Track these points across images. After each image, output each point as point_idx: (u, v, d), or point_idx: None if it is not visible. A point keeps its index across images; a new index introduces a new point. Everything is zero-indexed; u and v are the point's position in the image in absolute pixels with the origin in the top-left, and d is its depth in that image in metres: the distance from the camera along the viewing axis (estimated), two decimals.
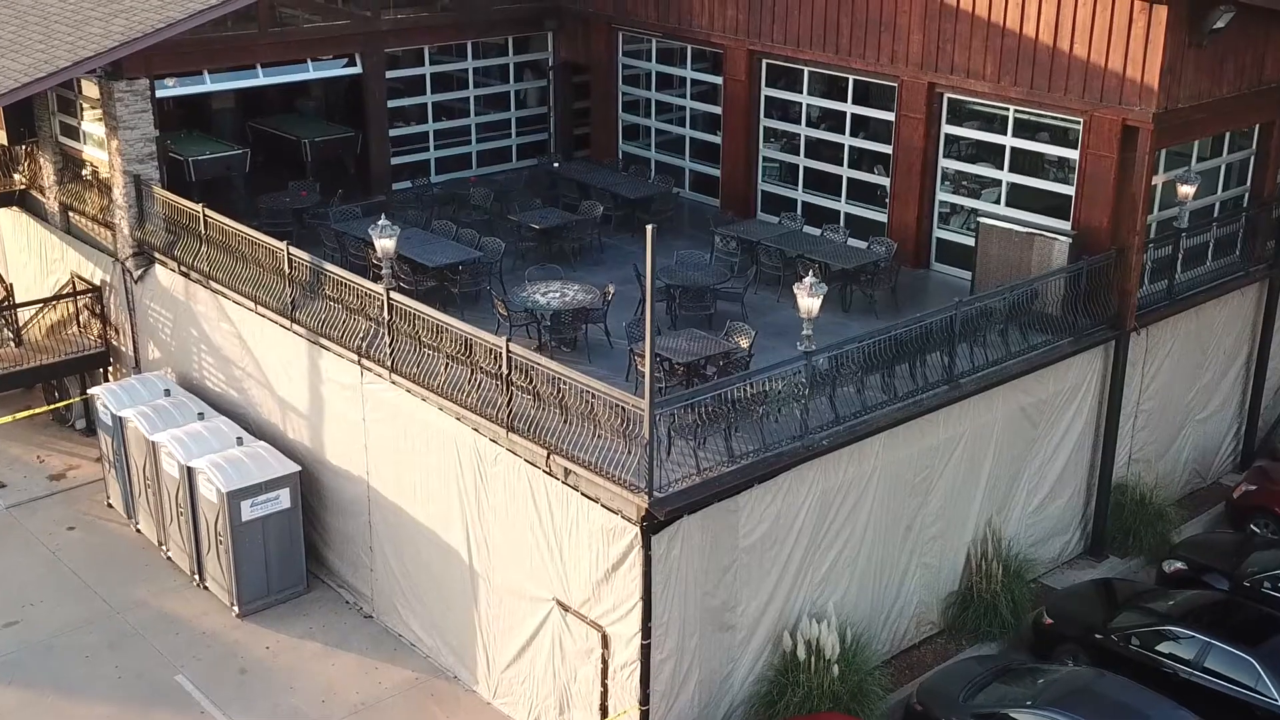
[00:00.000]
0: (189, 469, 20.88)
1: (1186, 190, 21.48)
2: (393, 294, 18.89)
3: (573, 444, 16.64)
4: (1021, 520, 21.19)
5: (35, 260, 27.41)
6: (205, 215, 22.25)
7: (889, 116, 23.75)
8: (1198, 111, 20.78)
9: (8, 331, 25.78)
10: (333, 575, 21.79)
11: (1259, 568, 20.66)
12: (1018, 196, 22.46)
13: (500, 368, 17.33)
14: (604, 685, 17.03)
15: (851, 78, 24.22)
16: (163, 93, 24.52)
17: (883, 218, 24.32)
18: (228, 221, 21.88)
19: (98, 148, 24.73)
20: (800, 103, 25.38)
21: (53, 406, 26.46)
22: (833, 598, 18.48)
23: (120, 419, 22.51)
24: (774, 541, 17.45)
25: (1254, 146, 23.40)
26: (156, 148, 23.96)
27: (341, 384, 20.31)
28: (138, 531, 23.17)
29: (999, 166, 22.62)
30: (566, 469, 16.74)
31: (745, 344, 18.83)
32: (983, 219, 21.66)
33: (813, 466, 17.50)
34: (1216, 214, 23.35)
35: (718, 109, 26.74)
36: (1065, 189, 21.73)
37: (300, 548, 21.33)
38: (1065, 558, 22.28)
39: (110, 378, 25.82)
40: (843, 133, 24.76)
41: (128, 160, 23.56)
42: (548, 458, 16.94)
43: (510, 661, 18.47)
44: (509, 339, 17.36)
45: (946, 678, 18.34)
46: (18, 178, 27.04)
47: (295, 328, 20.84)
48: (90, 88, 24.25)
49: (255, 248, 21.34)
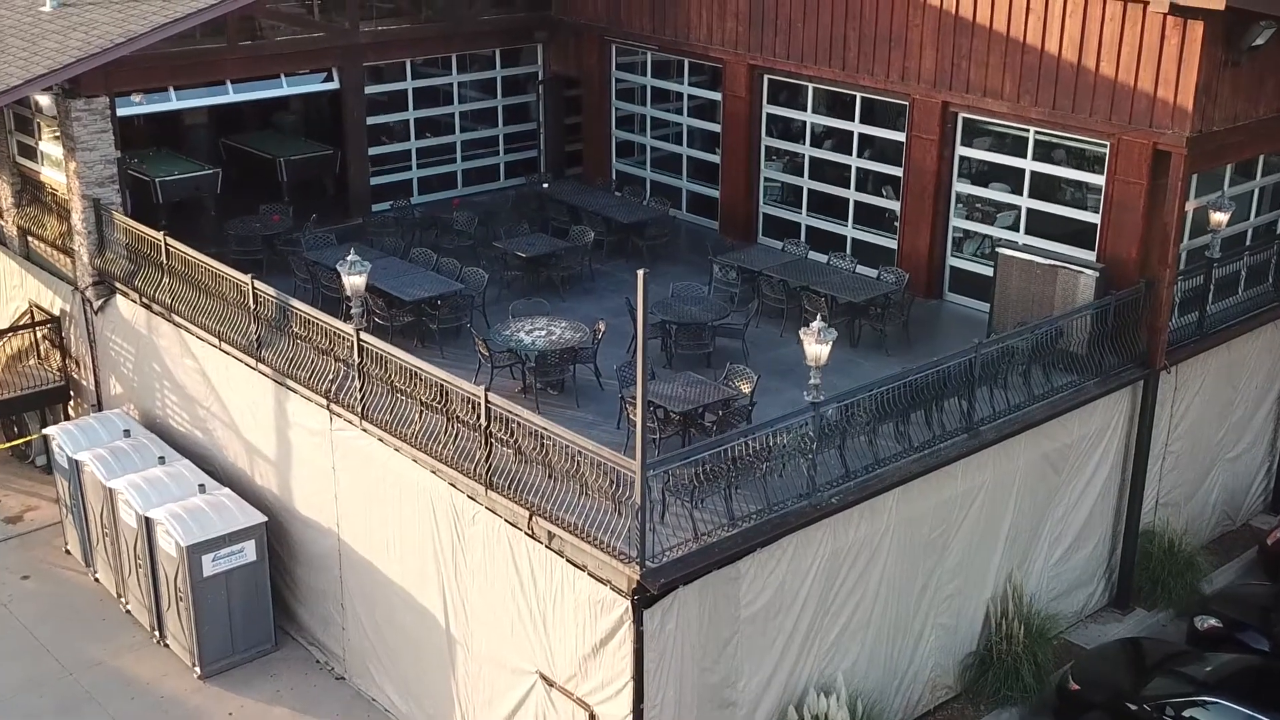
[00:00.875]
0: (147, 519, 19.37)
1: (1220, 218, 19.96)
2: (363, 335, 17.38)
3: (558, 504, 15.14)
4: (1043, 573, 19.69)
5: None
6: (167, 244, 20.73)
7: (899, 137, 22.25)
8: (1234, 134, 19.29)
9: None
10: (303, 631, 20.27)
11: None
12: (1038, 224, 20.97)
13: (478, 419, 15.83)
14: None
15: (859, 95, 22.72)
16: (125, 111, 22.98)
17: (893, 244, 22.82)
18: (190, 251, 20.36)
19: (56, 169, 23.23)
20: (804, 121, 23.88)
21: (11, 444, 24.93)
22: (842, 666, 16.97)
23: (76, 462, 20.99)
24: (778, 609, 15.95)
25: None
26: (118, 170, 22.46)
27: (310, 429, 18.80)
28: (96, 581, 21.65)
29: (1018, 191, 21.12)
30: (551, 532, 15.24)
31: (747, 389, 17.33)
32: (1002, 249, 20.15)
33: (821, 527, 16.00)
34: (1249, 241, 21.84)
35: (716, 126, 25.25)
36: (1089, 217, 20.24)
37: (267, 603, 19.80)
38: (1089, 610, 20.79)
39: (71, 413, 24.32)
40: (850, 153, 23.26)
41: (86, 183, 22.05)
42: (530, 519, 15.44)
43: None
44: (488, 387, 15.84)
45: None
46: None
47: (261, 367, 19.33)
48: (48, 105, 22.73)
49: (219, 280, 19.83)
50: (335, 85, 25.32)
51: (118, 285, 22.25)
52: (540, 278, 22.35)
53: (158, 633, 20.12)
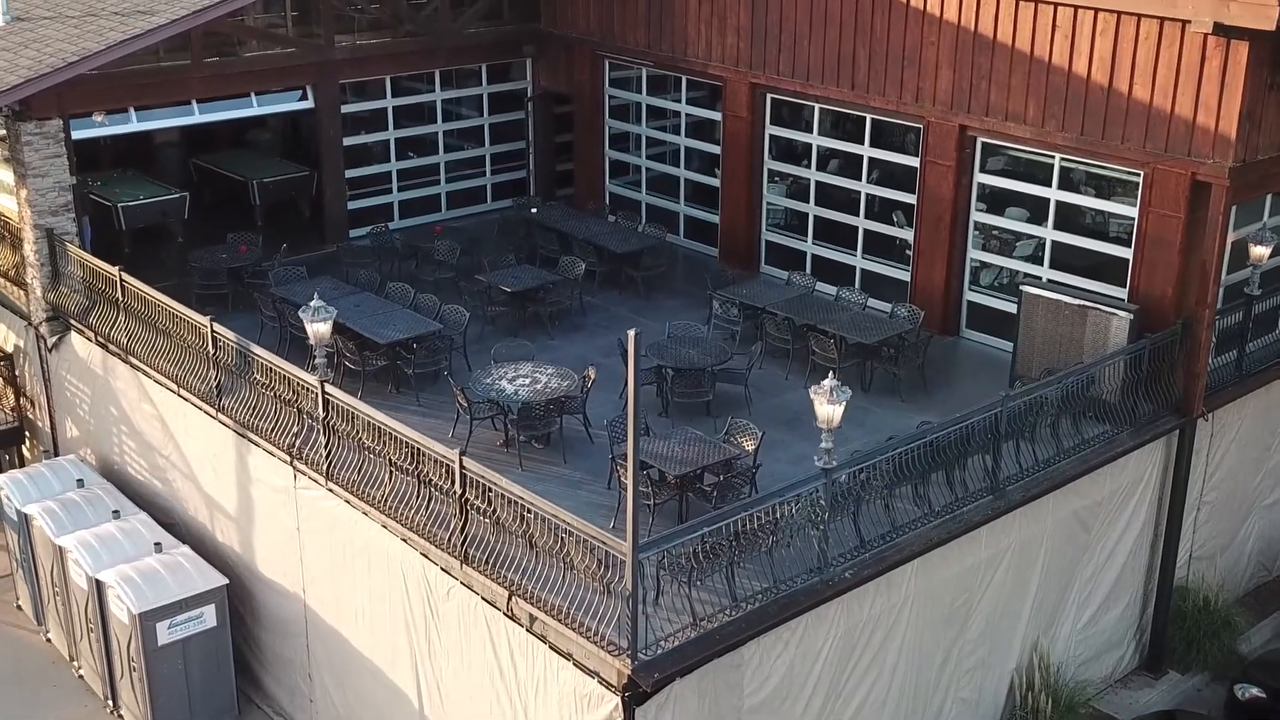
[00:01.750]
0: (98, 581, 17.80)
1: (1261, 251, 18.41)
2: (329, 388, 15.80)
3: (540, 583, 13.58)
4: (1071, 638, 18.15)
5: None
6: (122, 280, 19.15)
7: (913, 162, 20.70)
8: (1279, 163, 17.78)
9: None
10: (268, 699, 18.71)
11: None
12: (1064, 257, 19.42)
13: (453, 485, 14.26)
14: None
15: (869, 117, 21.16)
16: (83, 133, 21.42)
17: (905, 276, 21.27)
18: (146, 289, 18.79)
19: (8, 196, 21.64)
20: (810, 143, 22.31)
21: None
22: None
23: (25, 515, 19.41)
24: (785, 696, 14.38)
25: None
26: (74, 197, 20.90)
27: (273, 485, 17.23)
28: (48, 641, 20.08)
29: (1042, 222, 19.57)
30: (532, 615, 13.67)
31: (751, 447, 15.76)
32: (1027, 287, 18.58)
33: (834, 605, 14.44)
34: None
35: (716, 148, 23.69)
36: (1120, 251, 18.70)
37: (229, 670, 18.21)
38: (1119, 674, 19.25)
39: (28, 455, 22.75)
40: (859, 178, 21.69)
41: (39, 212, 20.49)
42: (509, 599, 13.87)
43: None
44: (463, 450, 14.26)
45: None
46: None
47: (221, 416, 17.77)
48: None
49: (177, 321, 18.26)
50: (310, 104, 23.75)
51: (73, 322, 20.67)
52: (526, 313, 20.79)
53: (111, 702, 18.55)
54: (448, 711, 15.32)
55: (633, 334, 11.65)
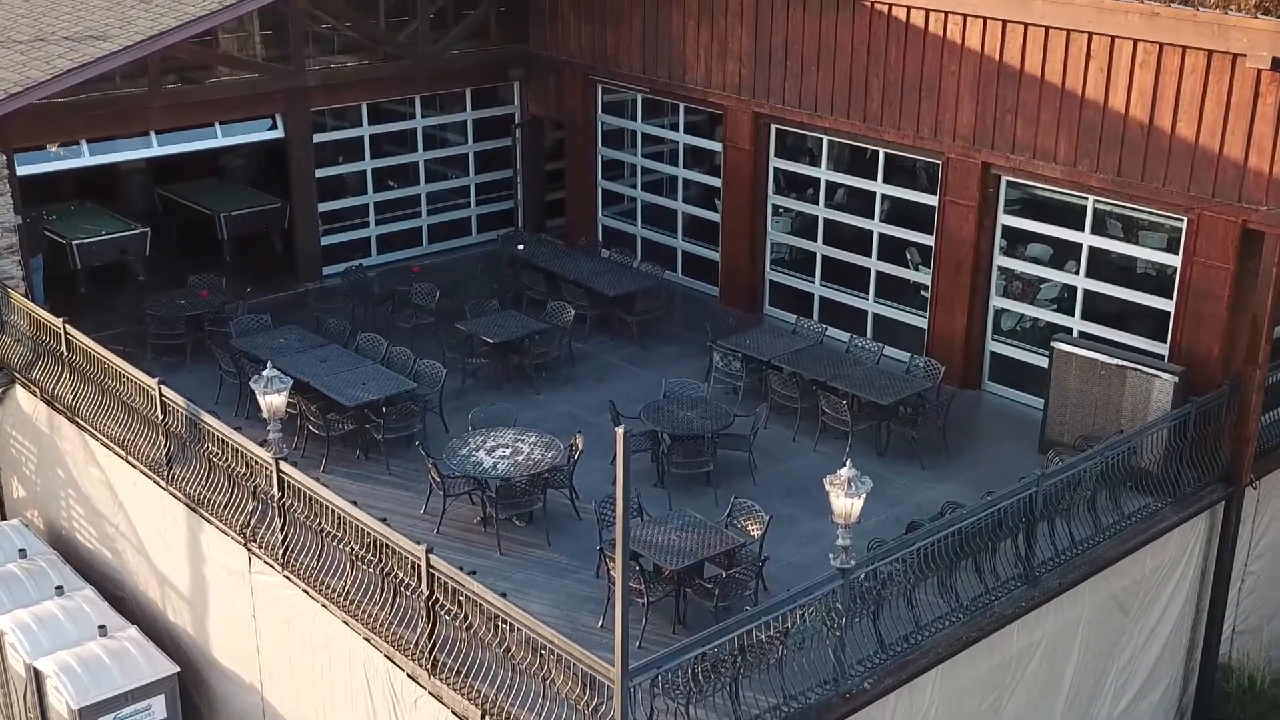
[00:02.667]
0: (36, 670, 16.13)
1: None
2: (284, 466, 14.13)
3: (519, 701, 11.92)
4: None
5: None
6: (67, 333, 17.49)
7: (931, 200, 19.05)
8: None
9: None
10: None
11: None
12: (1097, 307, 17.78)
13: (419, 585, 12.60)
14: None
15: (883, 151, 19.52)
16: (31, 169, 19.78)
17: (922, 323, 19.61)
18: (92, 344, 17.12)
19: None
20: (818, 178, 20.67)
21: None
22: None
23: None
24: None
25: None
26: (20, 237, 19.27)
27: (227, 567, 15.56)
28: None
29: (1073, 269, 17.93)
30: None
31: (756, 532, 14.09)
32: (1059, 344, 16.91)
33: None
34: None
35: (716, 180, 22.04)
36: (1160, 302, 17.05)
37: None
38: None
39: None
40: (871, 217, 20.04)
41: None
42: (482, 718, 12.21)
43: None
44: (430, 549, 12.57)
45: None
46: None
47: (171, 488, 16.11)
48: None
49: (124, 381, 16.60)
50: (280, 133, 22.09)
51: (17, 375, 19.01)
52: (510, 365, 19.12)
53: None
54: None
55: (621, 433, 9.98)
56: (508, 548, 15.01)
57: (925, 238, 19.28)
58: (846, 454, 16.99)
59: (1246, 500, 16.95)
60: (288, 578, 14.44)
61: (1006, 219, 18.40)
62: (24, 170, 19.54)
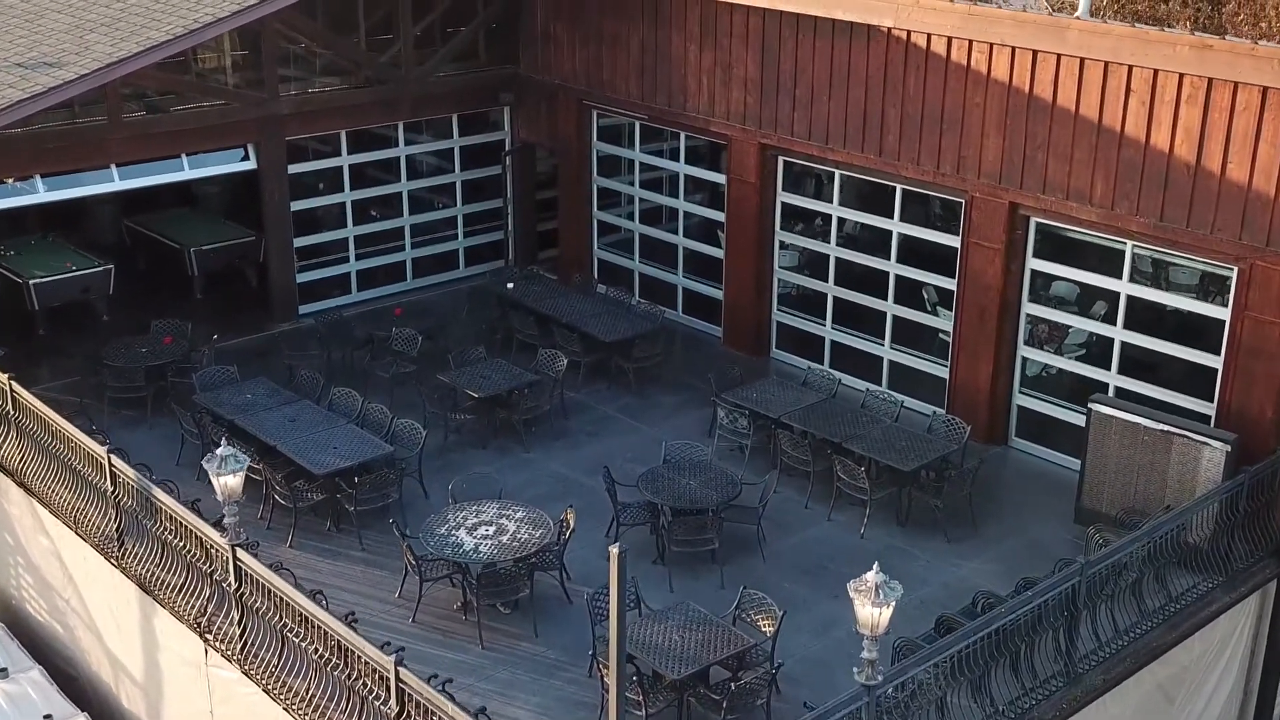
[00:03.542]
0: None
1: None
2: (240, 553, 12.67)
3: None
4: None
5: None
6: (12, 391, 16.02)
7: (953, 242, 17.61)
8: None
9: None
10: None
11: None
12: (1137, 360, 16.33)
13: (388, 699, 11.14)
14: None
15: (899, 187, 18.08)
16: None
17: (942, 373, 18.17)
18: (38, 404, 15.63)
19: None
20: (829, 214, 19.23)
21: None
22: None
23: None
24: None
25: None
26: None
27: (182, 657, 14.08)
28: None
29: (1101, 310, 16.48)
30: None
31: (769, 629, 12.62)
32: (1097, 405, 15.44)
33: None
34: None
35: (720, 214, 20.59)
36: (1207, 359, 15.60)
37: None
38: None
39: None
40: (887, 257, 18.59)
41: None
42: None
43: None
44: (400, 660, 11.10)
45: None
46: None
47: (124, 565, 14.64)
48: None
49: (71, 446, 15.13)
50: (252, 165, 20.63)
51: None
52: (497, 420, 17.66)
53: None
54: None
55: (615, 552, 8.53)
56: (490, 639, 13.54)
57: (947, 281, 17.84)
58: (863, 527, 15.63)
59: None
60: (246, 674, 12.98)
61: (1036, 263, 16.95)
62: None
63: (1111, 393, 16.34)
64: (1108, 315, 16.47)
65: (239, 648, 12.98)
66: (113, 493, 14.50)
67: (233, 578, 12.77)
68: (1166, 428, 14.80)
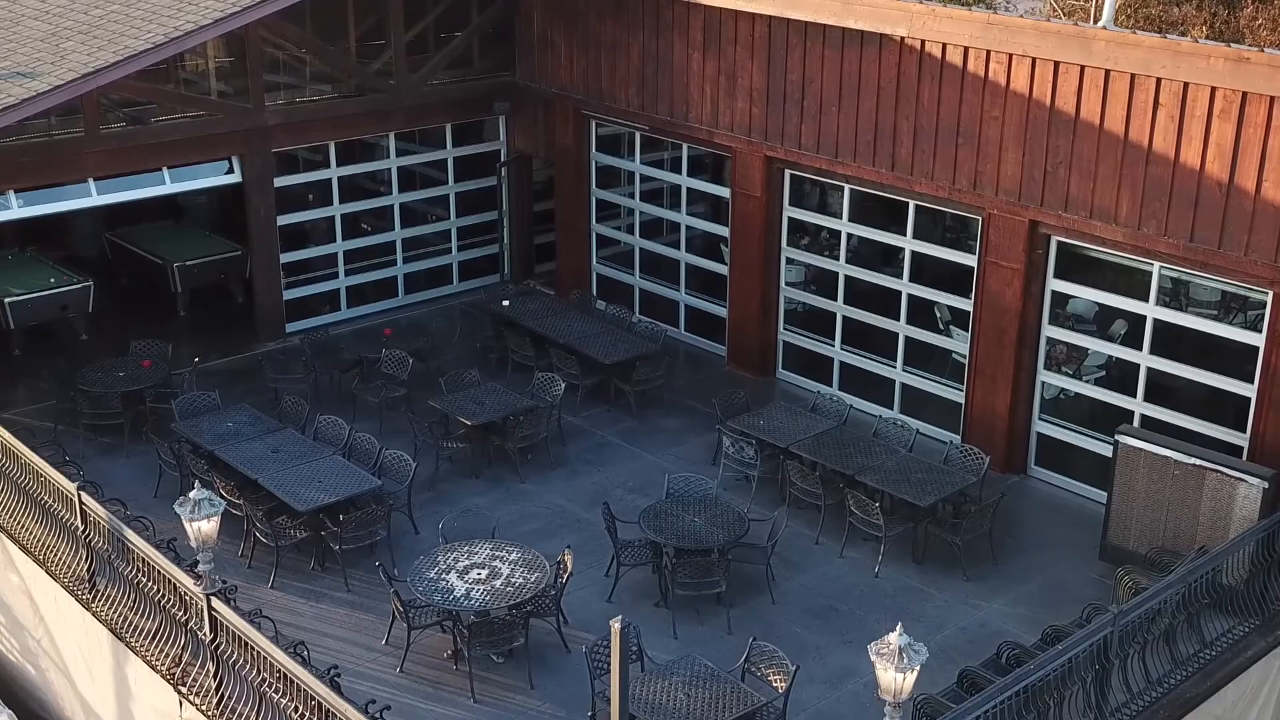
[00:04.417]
0: None
1: None
2: (215, 603, 11.86)
3: None
4: None
5: None
6: None
7: (969, 260, 16.81)
8: None
9: None
10: None
11: None
12: (1164, 388, 15.53)
13: None
14: None
15: (913, 203, 17.27)
16: None
17: (958, 397, 17.36)
18: (7, 436, 14.83)
19: None
20: (839, 230, 18.42)
21: None
22: None
23: None
24: None
25: None
26: None
27: (155, 708, 13.28)
28: None
29: (1135, 345, 15.67)
30: None
31: (780, 684, 11.81)
32: (1125, 437, 14.62)
33: None
34: None
35: (724, 229, 19.79)
36: (1240, 387, 14.80)
37: None
38: None
39: None
40: (900, 276, 17.78)
41: None
42: None
43: None
44: (383, 709, 10.32)
45: None
46: None
47: (94, 608, 13.84)
48: None
49: (40, 482, 14.32)
50: (237, 177, 19.82)
51: None
52: (491, 447, 16.85)
53: None
54: None
55: (616, 626, 7.72)
56: (483, 691, 12.72)
57: (963, 302, 17.03)
58: (878, 565, 14.82)
59: None
60: None
61: (1057, 284, 16.14)
62: None
63: (1137, 420, 15.56)
64: (1134, 339, 15.66)
65: (214, 702, 12.17)
66: (83, 531, 13.70)
67: (208, 628, 11.97)
68: (1199, 462, 13.98)
